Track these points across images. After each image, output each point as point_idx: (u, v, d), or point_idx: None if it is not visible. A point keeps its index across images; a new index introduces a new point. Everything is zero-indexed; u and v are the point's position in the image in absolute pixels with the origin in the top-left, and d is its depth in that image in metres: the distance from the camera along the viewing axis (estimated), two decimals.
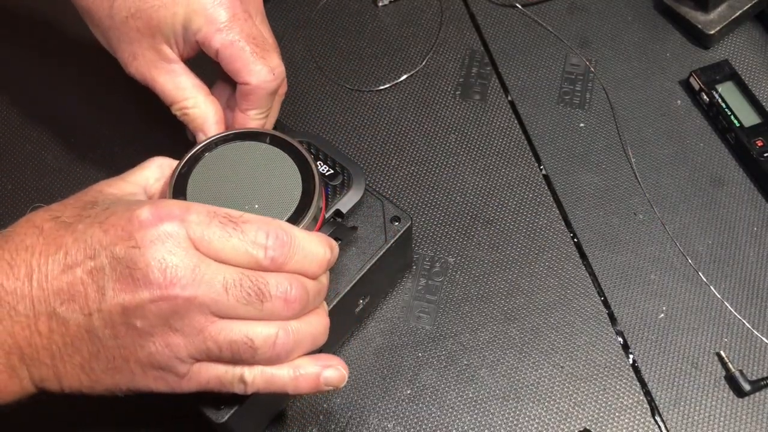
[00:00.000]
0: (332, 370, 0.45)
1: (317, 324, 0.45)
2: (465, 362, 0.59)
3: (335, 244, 0.47)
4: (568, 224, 0.65)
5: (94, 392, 0.43)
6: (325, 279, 0.47)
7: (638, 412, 0.57)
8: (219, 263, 0.41)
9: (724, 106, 0.68)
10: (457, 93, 0.72)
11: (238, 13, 0.52)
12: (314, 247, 0.44)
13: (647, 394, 0.57)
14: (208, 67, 0.55)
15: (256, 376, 0.43)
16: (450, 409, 0.57)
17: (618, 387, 0.58)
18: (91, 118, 0.71)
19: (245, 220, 0.42)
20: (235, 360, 0.42)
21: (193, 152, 0.50)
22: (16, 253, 0.41)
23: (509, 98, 0.72)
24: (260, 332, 0.42)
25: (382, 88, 0.72)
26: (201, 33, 0.52)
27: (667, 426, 0.56)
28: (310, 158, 0.50)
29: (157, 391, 0.43)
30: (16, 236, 0.42)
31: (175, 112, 0.55)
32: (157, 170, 0.49)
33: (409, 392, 0.58)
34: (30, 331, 0.41)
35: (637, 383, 0.58)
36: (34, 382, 0.43)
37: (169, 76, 0.54)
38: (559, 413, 0.57)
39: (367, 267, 0.54)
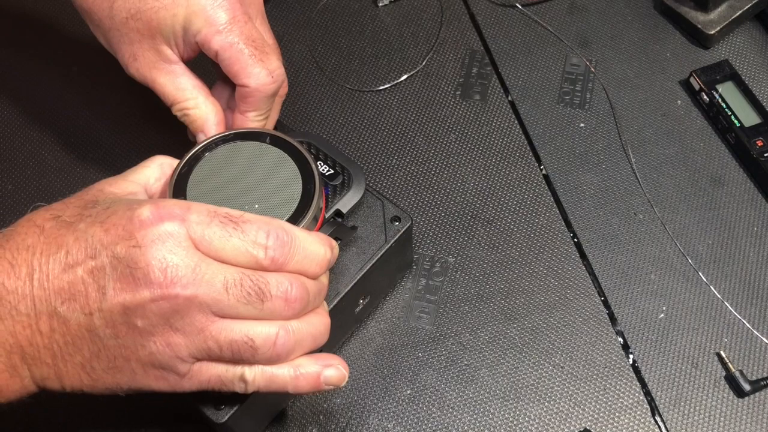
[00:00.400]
0: (333, 370, 0.45)
1: (318, 323, 0.45)
2: (465, 362, 0.59)
3: (335, 244, 0.47)
4: (568, 224, 0.65)
5: (95, 391, 0.43)
6: (325, 279, 0.47)
7: (638, 412, 0.57)
8: (219, 263, 0.41)
9: (724, 106, 0.68)
10: (457, 93, 0.72)
11: (237, 15, 0.52)
12: (315, 247, 0.44)
13: (647, 394, 0.57)
14: (209, 67, 0.55)
15: (256, 375, 0.43)
16: (450, 409, 0.57)
17: (618, 387, 0.58)
18: (91, 118, 0.71)
19: (246, 220, 0.42)
20: (235, 359, 0.42)
21: (193, 152, 0.50)
22: (17, 252, 0.41)
23: (509, 98, 0.72)
24: (261, 332, 0.42)
25: (382, 88, 0.72)
26: (201, 34, 0.52)
27: (667, 426, 0.56)
28: (310, 158, 0.50)
29: (158, 391, 0.43)
30: (17, 236, 0.42)
31: (176, 112, 0.55)
32: (158, 169, 0.49)
33: (409, 392, 0.58)
34: (31, 330, 0.41)
35: (637, 383, 0.58)
36: (35, 381, 0.43)
37: (169, 77, 0.54)
38: (559, 413, 0.57)
39: (367, 267, 0.54)
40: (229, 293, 0.41)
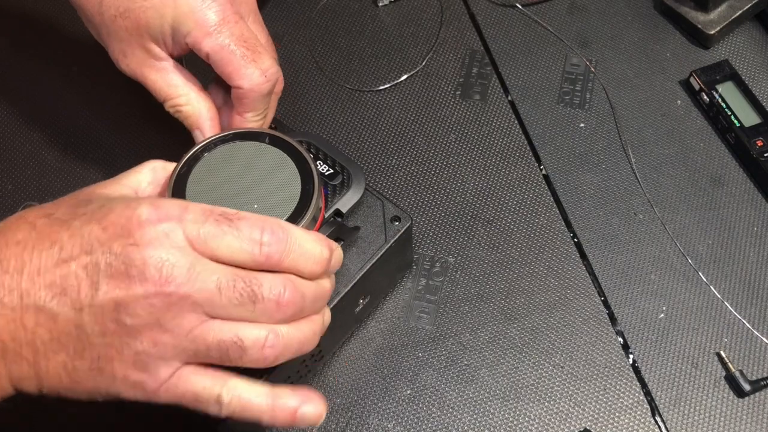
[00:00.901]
0: (311, 407, 0.45)
1: (307, 330, 0.44)
2: (465, 362, 0.59)
3: (337, 246, 0.46)
4: (568, 224, 0.65)
5: (73, 395, 0.42)
6: (327, 283, 0.46)
7: (638, 412, 0.57)
8: (215, 263, 0.41)
9: (724, 106, 0.68)
10: (457, 93, 0.72)
11: (228, 16, 0.52)
12: (311, 246, 0.44)
13: (647, 394, 0.57)
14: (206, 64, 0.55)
15: (233, 399, 0.43)
16: (450, 409, 0.57)
17: (618, 387, 0.58)
18: (91, 118, 0.71)
19: (241, 217, 0.42)
20: (223, 360, 0.42)
21: (192, 152, 0.50)
22: (6, 247, 0.41)
23: (509, 98, 0.72)
24: (250, 333, 0.42)
25: (382, 88, 0.72)
26: (191, 36, 0.51)
27: (667, 426, 0.56)
28: (309, 158, 0.50)
29: (133, 399, 0.42)
30: (7, 231, 0.42)
31: (168, 109, 0.55)
32: (150, 174, 0.49)
33: (409, 392, 0.58)
34: (15, 324, 0.40)
35: (637, 383, 0.58)
36: (12, 382, 0.42)
37: (159, 74, 0.54)
38: (559, 413, 0.57)
39: (367, 267, 0.54)
40: (222, 294, 0.41)
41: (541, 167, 0.68)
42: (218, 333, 0.41)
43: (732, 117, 0.67)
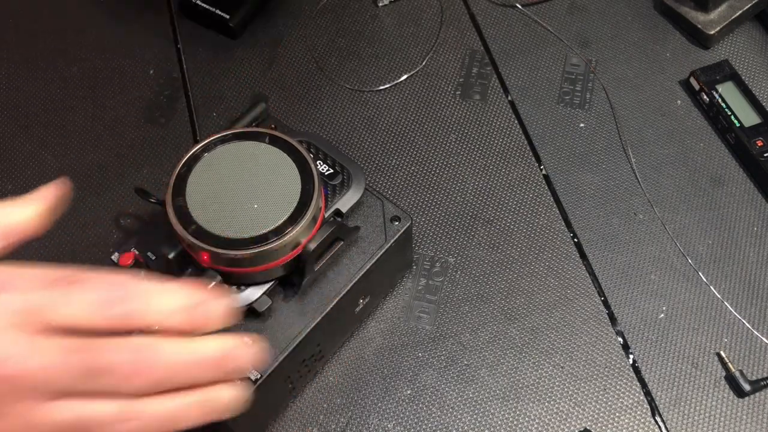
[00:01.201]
0: None
1: (177, 405, 0.38)
2: (465, 362, 0.59)
3: (213, 299, 0.39)
4: (568, 224, 0.65)
5: None
6: (211, 346, 0.39)
7: (638, 413, 0.57)
8: (52, 336, 0.36)
9: (724, 106, 0.68)
10: (457, 93, 0.72)
11: None
12: (165, 299, 0.38)
13: (647, 394, 0.57)
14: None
15: None
16: (450, 409, 0.57)
17: (618, 387, 0.58)
18: (91, 118, 0.71)
19: (79, 280, 0.37)
20: None
21: (192, 152, 0.50)
22: None
23: (509, 98, 0.72)
24: (99, 410, 0.36)
25: (382, 88, 0.72)
26: None
27: (667, 426, 0.56)
28: (309, 158, 0.50)
29: None
30: None
31: None
32: None
33: (409, 392, 0.58)
34: None
35: (637, 383, 0.58)
36: None
37: None
38: (559, 413, 0.57)
39: (367, 267, 0.54)
40: (63, 371, 0.35)
41: (541, 167, 0.68)
42: (61, 414, 0.35)
43: (732, 117, 0.67)
